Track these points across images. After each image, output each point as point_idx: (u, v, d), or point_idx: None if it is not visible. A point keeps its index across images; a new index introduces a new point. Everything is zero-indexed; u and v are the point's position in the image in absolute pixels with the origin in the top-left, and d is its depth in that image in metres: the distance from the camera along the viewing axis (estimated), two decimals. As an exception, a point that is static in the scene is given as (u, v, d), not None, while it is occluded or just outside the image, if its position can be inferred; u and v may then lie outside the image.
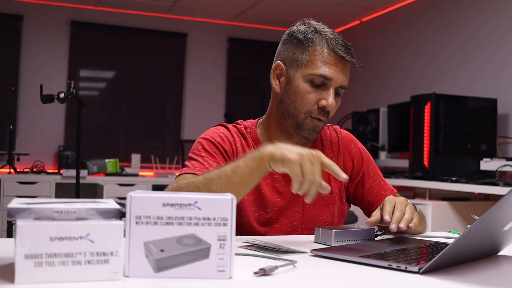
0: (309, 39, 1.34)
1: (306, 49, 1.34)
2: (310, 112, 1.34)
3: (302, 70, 1.34)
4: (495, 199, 3.25)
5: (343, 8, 5.05)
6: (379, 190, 1.49)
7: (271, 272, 0.85)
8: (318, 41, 1.33)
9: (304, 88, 1.33)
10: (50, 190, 4.38)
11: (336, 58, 1.32)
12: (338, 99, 1.38)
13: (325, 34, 1.34)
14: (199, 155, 1.34)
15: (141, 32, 5.59)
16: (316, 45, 1.33)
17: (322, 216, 1.43)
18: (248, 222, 1.36)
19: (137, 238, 0.79)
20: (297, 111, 1.35)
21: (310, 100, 1.33)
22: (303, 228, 1.41)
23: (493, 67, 3.77)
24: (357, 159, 1.50)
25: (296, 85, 1.34)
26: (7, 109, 5.10)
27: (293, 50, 1.36)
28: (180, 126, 5.72)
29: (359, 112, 4.51)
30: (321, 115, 1.35)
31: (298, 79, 1.34)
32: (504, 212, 0.91)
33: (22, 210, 0.75)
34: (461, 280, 0.87)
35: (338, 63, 1.33)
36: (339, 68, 1.33)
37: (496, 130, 3.51)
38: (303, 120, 1.35)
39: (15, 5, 5.15)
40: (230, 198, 0.81)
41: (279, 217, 1.39)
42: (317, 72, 1.32)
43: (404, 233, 1.35)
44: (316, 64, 1.32)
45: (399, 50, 4.85)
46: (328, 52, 1.32)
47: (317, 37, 1.34)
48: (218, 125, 1.47)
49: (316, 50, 1.33)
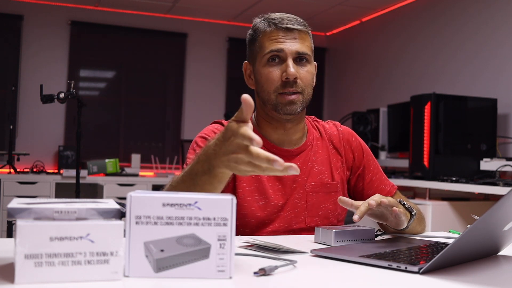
0: (255, 30, 1.43)
1: (256, 39, 1.42)
2: (276, 89, 1.37)
3: (259, 57, 1.40)
4: (495, 199, 3.25)
5: (343, 8, 5.05)
6: (379, 184, 1.50)
7: (271, 272, 0.85)
8: (261, 26, 1.41)
9: (264, 70, 1.39)
10: (50, 190, 4.38)
11: (280, 30, 1.37)
12: (308, 67, 1.40)
13: (267, 18, 1.41)
14: (193, 153, 1.37)
15: (141, 32, 5.59)
16: (260, 31, 1.41)
17: (325, 203, 1.44)
18: (251, 212, 1.38)
19: (137, 238, 0.79)
20: (267, 94, 1.38)
21: (273, 78, 1.37)
22: (306, 215, 1.42)
23: (493, 67, 3.77)
24: (358, 152, 1.51)
25: (259, 72, 1.41)
26: (7, 109, 5.09)
27: (250, 47, 1.45)
28: (180, 126, 5.72)
29: (359, 112, 4.51)
30: (288, 87, 1.36)
31: (258, 67, 1.40)
32: (504, 212, 0.91)
33: (22, 210, 0.75)
34: (461, 280, 0.87)
35: (287, 35, 1.37)
36: (287, 38, 1.37)
37: (496, 130, 3.51)
38: (276, 100, 1.38)
39: (15, 5, 5.15)
40: (230, 198, 0.81)
41: (283, 205, 1.40)
42: (267, 50, 1.37)
43: (404, 233, 1.36)
44: (265, 45, 1.38)
45: (399, 50, 4.85)
46: (271, 30, 1.38)
47: (260, 24, 1.42)
48: (214, 122, 1.50)
49: (262, 35, 1.40)
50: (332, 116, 5.75)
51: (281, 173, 0.86)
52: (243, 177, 1.37)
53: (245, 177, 1.38)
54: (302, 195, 1.42)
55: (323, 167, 1.46)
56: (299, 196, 1.42)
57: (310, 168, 1.44)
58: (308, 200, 1.42)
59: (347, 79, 5.58)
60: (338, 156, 1.49)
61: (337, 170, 1.47)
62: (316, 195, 1.43)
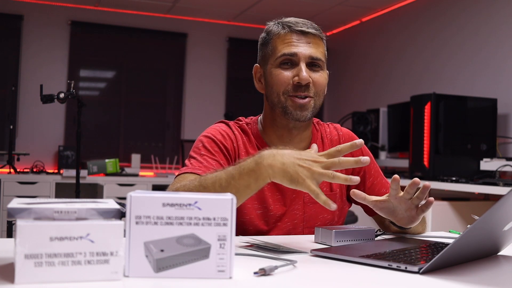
0: (269, 32, 1.40)
1: (269, 42, 1.40)
2: (287, 92, 1.35)
3: (271, 60, 1.38)
4: (495, 199, 3.25)
5: (343, 8, 5.05)
6: (380, 188, 1.49)
7: (271, 272, 0.85)
8: (276, 29, 1.39)
9: (275, 72, 1.36)
10: (50, 190, 4.38)
11: (296, 34, 1.35)
12: (321, 73, 1.38)
13: (281, 22, 1.39)
14: (199, 153, 1.34)
15: (141, 32, 5.59)
16: (274, 33, 1.38)
17: (323, 214, 1.43)
18: (250, 220, 1.36)
19: (137, 238, 0.79)
20: (277, 96, 1.36)
21: (283, 80, 1.35)
22: (304, 226, 1.41)
23: (493, 67, 3.77)
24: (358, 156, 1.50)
25: (269, 74, 1.38)
26: (7, 109, 5.09)
27: (262, 50, 1.43)
28: (180, 126, 5.72)
29: (359, 112, 4.51)
30: (300, 91, 1.34)
31: (270, 69, 1.38)
32: (504, 212, 0.91)
33: (22, 210, 0.75)
34: (461, 280, 0.87)
35: (301, 39, 1.35)
36: (301, 42, 1.35)
37: (496, 130, 3.51)
38: (285, 103, 1.35)
39: (15, 5, 5.15)
40: (230, 198, 0.81)
41: (281, 215, 1.39)
42: (280, 53, 1.35)
43: (405, 233, 1.36)
44: (278, 49, 1.36)
45: (399, 50, 4.85)
46: (285, 33, 1.36)
47: (274, 27, 1.40)
48: (220, 122, 1.47)
49: (275, 37, 1.38)
50: (332, 116, 5.75)
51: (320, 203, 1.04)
52: None
53: None
54: (300, 206, 1.41)
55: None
56: (297, 207, 1.41)
57: None
58: (306, 211, 1.41)
59: (347, 79, 5.58)
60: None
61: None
62: (314, 206, 1.42)
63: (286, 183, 1.06)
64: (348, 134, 1.53)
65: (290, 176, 1.05)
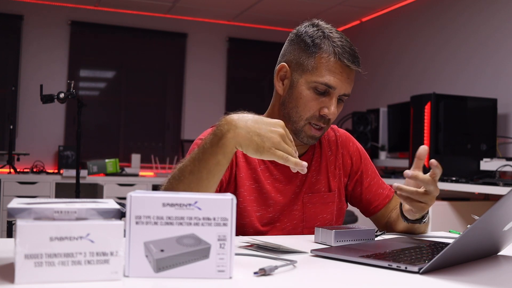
0: (316, 45, 1.31)
1: (312, 55, 1.31)
2: (310, 118, 1.33)
3: (307, 76, 1.31)
4: (495, 199, 3.25)
5: (343, 8, 5.05)
6: (377, 189, 1.49)
7: (271, 272, 0.85)
8: (325, 48, 1.30)
9: (307, 94, 1.31)
10: (50, 190, 4.38)
11: (341, 66, 1.29)
12: (340, 106, 1.37)
13: (333, 41, 1.30)
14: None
15: (141, 32, 5.59)
16: (322, 52, 1.30)
17: (322, 214, 1.43)
18: (250, 222, 1.36)
19: (137, 238, 0.79)
20: (298, 117, 1.34)
21: (312, 107, 1.32)
22: (304, 227, 1.41)
23: (493, 67, 3.77)
24: (356, 157, 1.50)
25: (299, 90, 1.33)
26: (7, 109, 5.10)
27: (299, 54, 1.33)
28: (180, 126, 5.72)
29: (359, 112, 4.51)
30: (322, 122, 1.34)
31: (302, 85, 1.32)
32: (504, 212, 0.91)
33: (22, 210, 0.75)
34: (461, 280, 0.87)
35: (344, 72, 1.30)
36: (343, 77, 1.30)
37: (496, 130, 3.51)
38: (303, 127, 1.34)
39: (15, 5, 5.15)
40: (230, 198, 0.81)
41: (281, 216, 1.39)
42: (322, 80, 1.29)
43: (404, 233, 1.36)
44: (321, 72, 1.29)
45: (399, 50, 4.85)
46: (334, 61, 1.29)
47: (324, 43, 1.30)
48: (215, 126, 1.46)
49: (323, 58, 1.29)
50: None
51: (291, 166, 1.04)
52: (245, 186, 1.35)
53: (247, 186, 1.36)
54: (299, 206, 1.41)
55: (321, 176, 1.44)
56: (296, 208, 1.41)
57: (309, 178, 1.43)
58: (305, 211, 1.41)
59: (347, 79, 5.57)
60: (336, 162, 1.48)
61: (334, 178, 1.45)
62: (313, 206, 1.42)
63: (251, 153, 1.06)
64: (345, 135, 1.54)
65: (256, 145, 1.05)
